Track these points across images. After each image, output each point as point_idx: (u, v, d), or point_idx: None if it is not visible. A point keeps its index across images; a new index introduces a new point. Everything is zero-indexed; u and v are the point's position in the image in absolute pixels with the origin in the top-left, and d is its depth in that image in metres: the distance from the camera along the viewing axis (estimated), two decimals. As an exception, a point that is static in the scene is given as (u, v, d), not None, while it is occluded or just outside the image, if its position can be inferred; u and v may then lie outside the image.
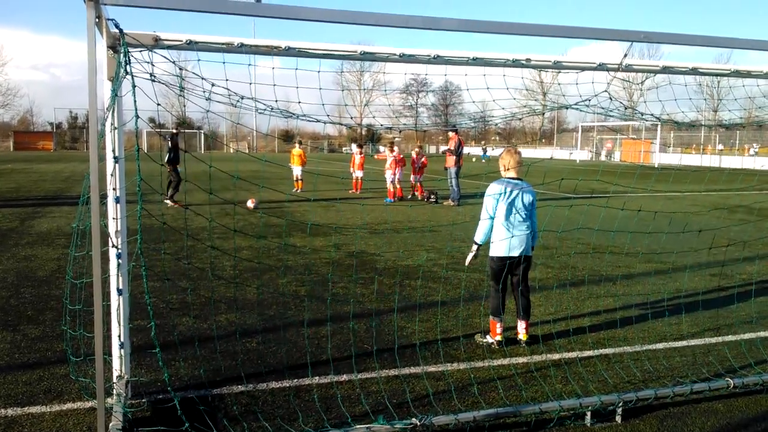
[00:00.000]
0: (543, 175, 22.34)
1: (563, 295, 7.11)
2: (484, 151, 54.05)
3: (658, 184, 23.90)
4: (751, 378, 4.62)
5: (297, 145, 21.77)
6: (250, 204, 15.03)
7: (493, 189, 5.41)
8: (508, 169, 5.52)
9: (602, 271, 8.41)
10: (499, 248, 5.38)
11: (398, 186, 18.48)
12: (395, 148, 19.00)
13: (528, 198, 5.42)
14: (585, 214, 11.78)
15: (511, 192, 5.35)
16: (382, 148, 19.83)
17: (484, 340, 5.50)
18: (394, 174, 18.30)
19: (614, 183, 19.90)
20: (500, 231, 5.36)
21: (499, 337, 5.44)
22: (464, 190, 18.34)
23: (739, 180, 26.18)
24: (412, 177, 18.78)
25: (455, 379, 4.75)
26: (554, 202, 16.66)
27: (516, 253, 5.35)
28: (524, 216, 5.37)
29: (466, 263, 5.60)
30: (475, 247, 5.50)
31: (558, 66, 4.33)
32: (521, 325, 5.50)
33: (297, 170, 20.09)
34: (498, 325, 5.45)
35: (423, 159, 19.11)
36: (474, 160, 49.68)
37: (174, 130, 17.16)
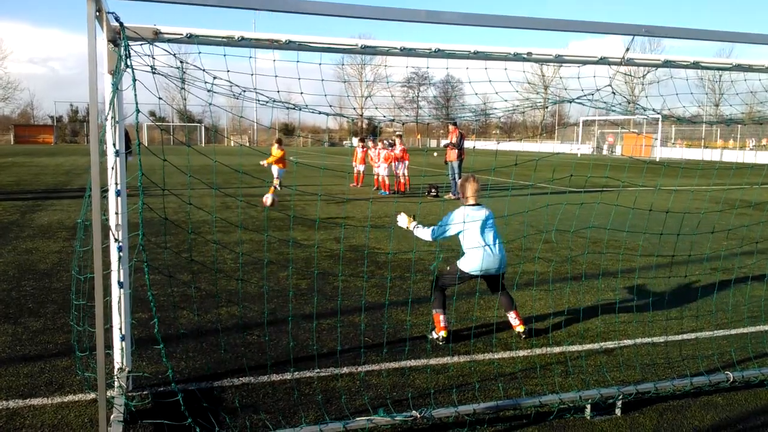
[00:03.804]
0: (552, 170, 22.32)
1: (563, 289, 7.12)
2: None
3: (661, 179, 23.87)
4: (751, 372, 4.63)
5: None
6: (267, 199, 14.02)
7: (455, 217, 5.46)
8: (466, 197, 5.56)
9: (602, 265, 8.42)
10: (472, 265, 5.38)
11: (402, 180, 18.53)
12: (397, 141, 19.04)
13: (489, 221, 5.48)
14: (589, 208, 11.79)
15: (474, 218, 5.42)
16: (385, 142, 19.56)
17: (432, 336, 5.49)
18: (389, 166, 18.47)
19: (622, 180, 19.89)
20: (475, 253, 5.37)
21: (443, 333, 5.42)
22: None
23: (748, 175, 26.11)
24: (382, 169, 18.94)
25: (456, 372, 4.76)
26: (562, 197, 16.65)
27: (492, 272, 5.42)
28: (490, 236, 5.43)
29: (401, 223, 5.69)
30: (413, 226, 5.59)
31: (559, 60, 4.33)
32: (512, 316, 5.52)
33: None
34: (442, 318, 5.46)
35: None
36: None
37: None
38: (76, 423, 3.88)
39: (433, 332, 5.50)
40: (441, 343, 5.38)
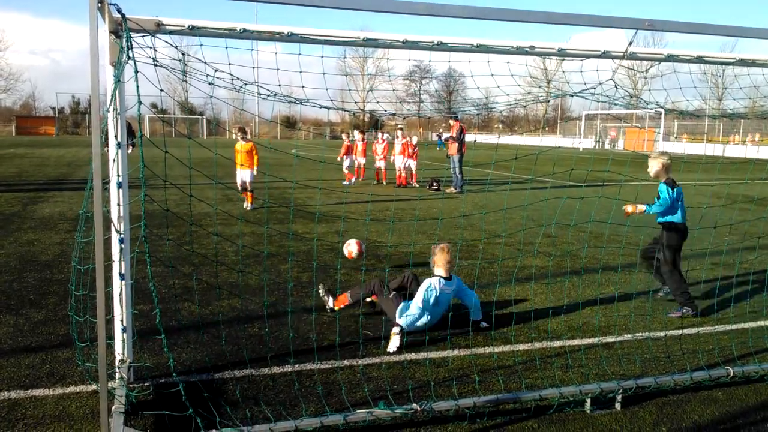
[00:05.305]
0: (552, 165, 22.27)
1: (564, 283, 7.12)
2: (439, 137, 49.36)
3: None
4: (751, 367, 4.63)
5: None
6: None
7: (427, 285, 5.35)
8: (438, 266, 5.51)
9: (603, 260, 8.41)
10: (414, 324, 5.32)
11: (403, 174, 18.54)
12: (399, 134, 19.11)
13: (452, 295, 5.51)
14: (589, 203, 11.78)
15: (441, 291, 5.38)
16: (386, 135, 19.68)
17: (325, 300, 5.89)
18: (354, 158, 18.87)
19: (623, 174, 19.85)
20: (423, 317, 5.32)
21: (335, 307, 5.87)
22: (468, 178, 18.32)
23: (750, 170, 26.04)
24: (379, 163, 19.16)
25: (455, 366, 4.77)
26: (563, 191, 16.64)
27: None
28: (446, 309, 5.47)
29: (391, 350, 5.02)
30: (397, 329, 5.13)
31: (562, 53, 4.31)
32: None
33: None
34: (345, 297, 5.89)
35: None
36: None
37: None
38: (77, 414, 3.89)
39: (330, 303, 5.90)
40: (321, 294, 5.97)
